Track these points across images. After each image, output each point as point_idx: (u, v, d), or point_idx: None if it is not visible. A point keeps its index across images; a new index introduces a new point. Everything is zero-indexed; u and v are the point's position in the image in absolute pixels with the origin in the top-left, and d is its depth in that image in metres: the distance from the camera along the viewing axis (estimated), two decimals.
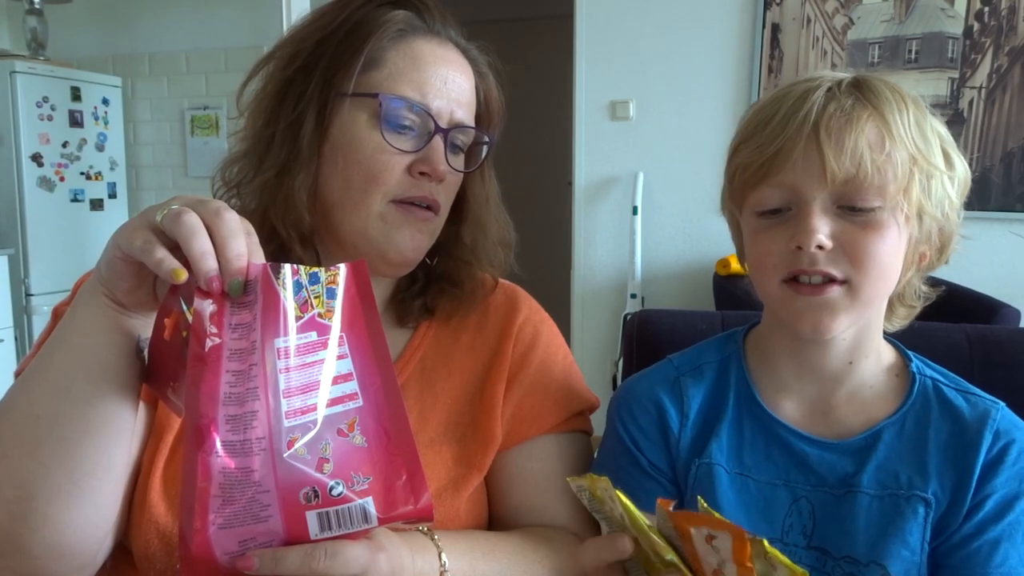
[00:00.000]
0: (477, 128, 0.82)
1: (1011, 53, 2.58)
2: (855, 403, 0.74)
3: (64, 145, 3.44)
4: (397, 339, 0.84)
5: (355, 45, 0.75)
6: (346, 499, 0.53)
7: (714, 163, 0.79)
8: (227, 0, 3.59)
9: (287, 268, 0.55)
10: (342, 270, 0.57)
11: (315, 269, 0.56)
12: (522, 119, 2.85)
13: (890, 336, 0.78)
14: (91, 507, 0.62)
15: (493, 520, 0.83)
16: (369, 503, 0.54)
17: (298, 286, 0.55)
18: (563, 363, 0.88)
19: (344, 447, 0.54)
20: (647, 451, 0.79)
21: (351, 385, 0.56)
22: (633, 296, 2.97)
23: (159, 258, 0.54)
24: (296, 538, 0.52)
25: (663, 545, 0.53)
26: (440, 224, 0.82)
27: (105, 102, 3.63)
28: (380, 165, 0.75)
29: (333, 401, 0.55)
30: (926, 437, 0.71)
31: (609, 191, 3.09)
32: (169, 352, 0.57)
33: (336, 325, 0.56)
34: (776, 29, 2.82)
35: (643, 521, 0.53)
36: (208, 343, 0.52)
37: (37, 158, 3.31)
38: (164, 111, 3.78)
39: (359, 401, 0.56)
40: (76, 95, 3.48)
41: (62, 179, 3.43)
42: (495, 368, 0.83)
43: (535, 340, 0.87)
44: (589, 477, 0.56)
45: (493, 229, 0.87)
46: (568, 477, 0.58)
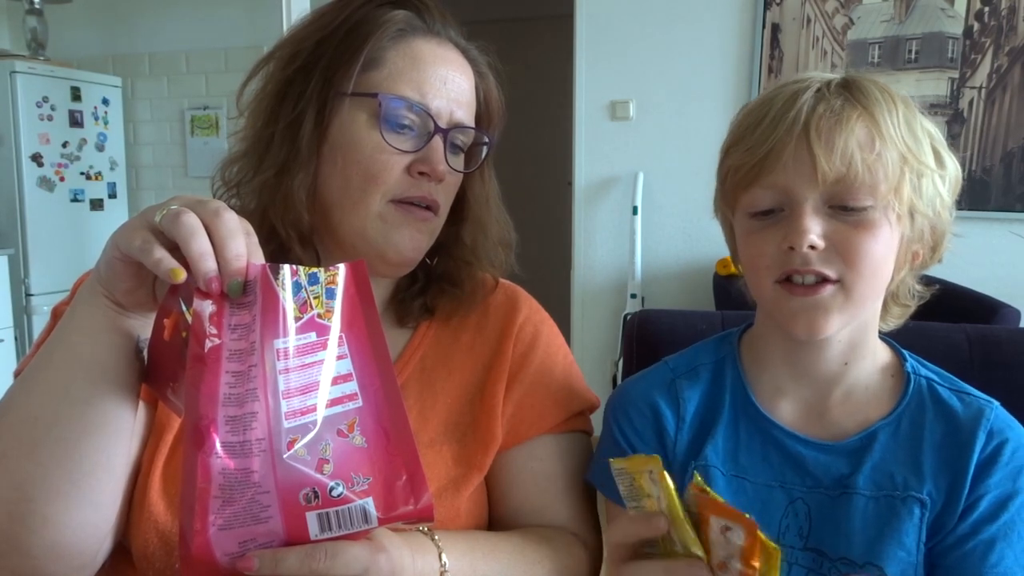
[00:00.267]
0: (477, 128, 0.82)
1: (1011, 53, 2.58)
2: (850, 404, 0.74)
3: (64, 145, 3.43)
4: (397, 339, 0.84)
5: (355, 45, 0.75)
6: (346, 500, 0.53)
7: (714, 163, 0.79)
8: (227, 0, 3.59)
9: (286, 269, 0.55)
10: (341, 270, 0.57)
11: (314, 269, 0.56)
12: (522, 119, 2.85)
13: (887, 336, 0.78)
14: (90, 507, 0.62)
15: (493, 520, 0.83)
16: (369, 503, 0.54)
17: (297, 287, 0.55)
18: (563, 363, 0.88)
19: (344, 448, 0.54)
20: (643, 453, 0.78)
21: (351, 385, 0.56)
22: (633, 296, 2.97)
23: (158, 258, 0.54)
24: (296, 539, 0.52)
25: (694, 538, 0.53)
26: (439, 224, 0.82)
27: (105, 102, 3.63)
28: (379, 165, 0.75)
29: (333, 402, 0.55)
30: (921, 437, 0.71)
31: (609, 191, 3.09)
32: (168, 353, 0.57)
33: (335, 325, 0.56)
34: (776, 29, 2.82)
35: (680, 509, 0.53)
36: (207, 344, 0.52)
37: (37, 158, 3.31)
38: (164, 111, 3.78)
39: (359, 401, 0.56)
40: (76, 95, 3.48)
41: (62, 179, 3.43)
42: (495, 368, 0.83)
43: (535, 340, 0.87)
44: (633, 459, 0.56)
45: (493, 229, 0.87)
46: (611, 460, 0.58)
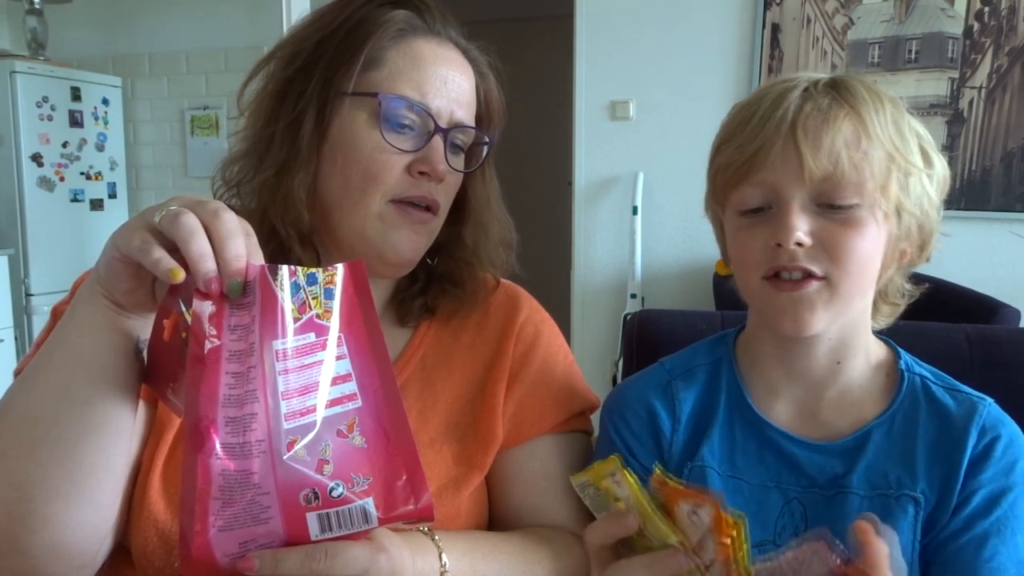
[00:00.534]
0: (477, 128, 0.82)
1: (1011, 53, 2.58)
2: (844, 403, 0.75)
3: (64, 145, 3.43)
4: (397, 339, 0.84)
5: (355, 45, 0.75)
6: (346, 500, 0.53)
7: None
8: (227, 0, 3.58)
9: (285, 269, 0.55)
10: (340, 270, 0.57)
11: (313, 270, 0.56)
12: (522, 119, 2.84)
13: (883, 334, 0.78)
14: (90, 508, 0.62)
15: (493, 520, 0.83)
16: (369, 504, 0.54)
17: (296, 287, 0.55)
18: (564, 363, 0.88)
19: (344, 448, 0.54)
20: (640, 455, 0.79)
21: (350, 386, 0.56)
22: (633, 296, 2.97)
23: (156, 258, 0.53)
24: (296, 539, 0.52)
25: (667, 529, 0.53)
26: (439, 225, 0.82)
27: (105, 102, 3.62)
28: (379, 164, 0.75)
29: (332, 402, 0.55)
30: (914, 435, 0.72)
31: (609, 191, 3.09)
32: (168, 353, 0.57)
33: (334, 326, 0.56)
34: (776, 29, 2.82)
35: (648, 505, 0.53)
36: (207, 344, 0.52)
37: (37, 158, 3.31)
38: (164, 111, 3.78)
39: (358, 402, 0.56)
40: (76, 95, 3.48)
41: (62, 179, 3.43)
42: (496, 367, 0.83)
43: (536, 340, 0.86)
44: (592, 468, 0.56)
45: (494, 229, 0.87)
46: (571, 476, 0.59)
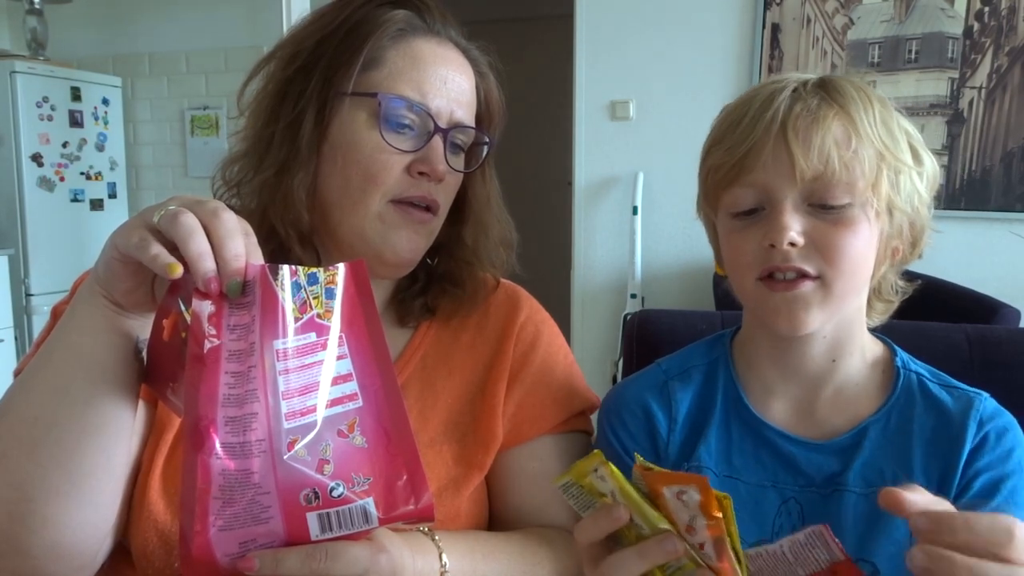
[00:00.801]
0: (477, 128, 0.82)
1: (1011, 53, 2.58)
2: (840, 401, 0.75)
3: (64, 145, 3.43)
4: (398, 339, 0.84)
5: (355, 45, 0.75)
6: (347, 500, 0.53)
7: None
8: (227, 0, 3.58)
9: (285, 269, 0.55)
10: (341, 270, 0.57)
11: (314, 269, 0.56)
12: (522, 119, 2.85)
13: (883, 334, 0.78)
14: (90, 508, 0.62)
15: (493, 520, 0.83)
16: (370, 504, 0.54)
17: (296, 287, 0.55)
18: (564, 363, 0.88)
19: (344, 448, 0.54)
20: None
21: (351, 385, 0.56)
22: (633, 296, 2.97)
23: (154, 254, 0.53)
24: (297, 539, 0.52)
25: (656, 514, 0.53)
26: (438, 225, 0.82)
27: (105, 102, 3.62)
28: (379, 165, 0.75)
29: (333, 402, 0.55)
30: (910, 432, 0.72)
31: (609, 191, 3.09)
32: (168, 353, 0.57)
33: (335, 325, 0.56)
34: (776, 29, 2.82)
35: (635, 493, 0.53)
36: (207, 344, 0.52)
37: (37, 158, 3.31)
38: (164, 111, 3.78)
39: (359, 401, 0.56)
40: (76, 95, 3.48)
41: (62, 179, 3.43)
42: (496, 367, 0.83)
43: (536, 340, 0.86)
44: (574, 467, 0.56)
45: (495, 229, 0.87)
46: (553, 479, 0.58)
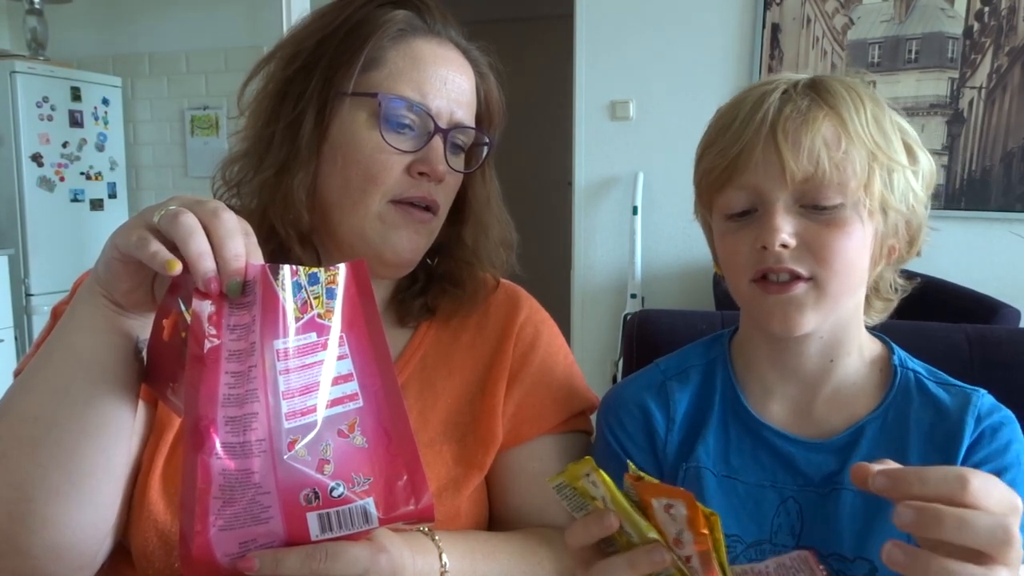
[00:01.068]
0: (477, 128, 0.82)
1: (1011, 53, 2.58)
2: (838, 401, 0.75)
3: (64, 145, 3.43)
4: (397, 339, 0.84)
5: (355, 45, 0.75)
6: (347, 500, 0.53)
7: None
8: (227, 0, 3.58)
9: (286, 269, 0.55)
10: (341, 270, 0.57)
11: (314, 269, 0.56)
12: (522, 119, 2.85)
13: (884, 334, 0.78)
14: (90, 508, 0.61)
15: (493, 520, 0.83)
16: (370, 504, 0.54)
17: (297, 287, 0.55)
18: (564, 363, 0.88)
19: (344, 448, 0.54)
20: (635, 456, 0.79)
21: (351, 386, 0.56)
22: (633, 296, 2.97)
23: (153, 251, 0.53)
24: (297, 539, 0.52)
25: (645, 524, 0.53)
26: (439, 225, 0.82)
27: (105, 102, 3.62)
28: (379, 165, 0.75)
29: (333, 402, 0.55)
30: (907, 429, 0.72)
31: (609, 191, 3.09)
32: (168, 353, 0.57)
33: (336, 325, 0.56)
34: (776, 29, 2.82)
35: (625, 501, 0.54)
36: (207, 344, 0.52)
37: (37, 158, 3.31)
38: (164, 111, 3.78)
39: (359, 401, 0.56)
40: (76, 95, 3.48)
41: (62, 179, 3.43)
42: (496, 367, 0.83)
43: (536, 340, 0.86)
44: (568, 469, 0.56)
45: (495, 229, 0.87)
46: (547, 479, 0.58)
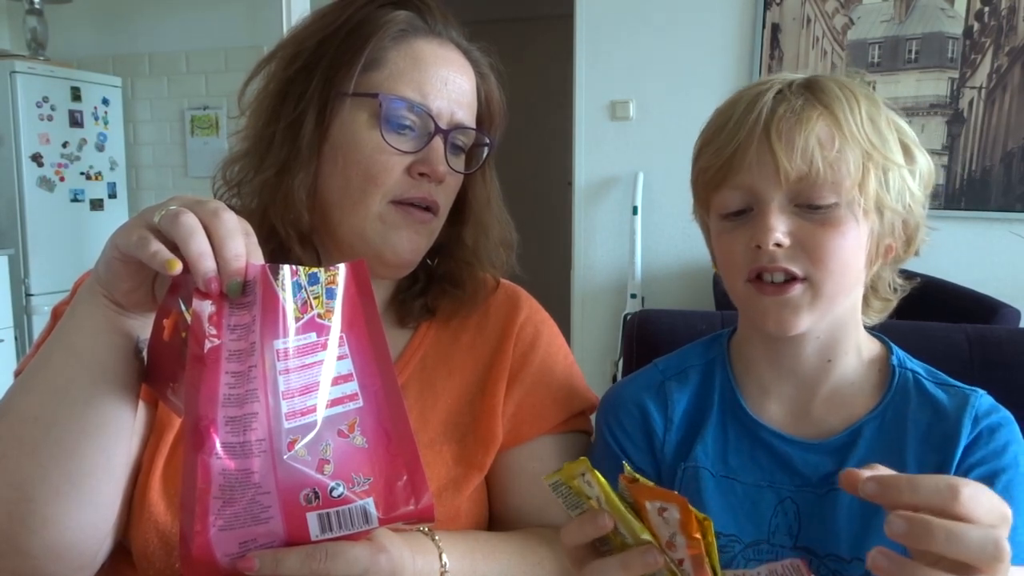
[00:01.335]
0: (478, 129, 0.82)
1: (1011, 53, 2.58)
2: (836, 401, 0.75)
3: (64, 145, 3.43)
4: (397, 339, 0.84)
5: (356, 45, 0.75)
6: (347, 500, 0.53)
7: None
8: (227, 0, 3.58)
9: (286, 269, 0.55)
10: (341, 270, 0.57)
11: (314, 269, 0.56)
12: (522, 119, 2.85)
13: (884, 334, 0.78)
14: (90, 508, 0.62)
15: (493, 520, 0.83)
16: (370, 504, 0.54)
17: (297, 287, 0.55)
18: (564, 363, 0.88)
19: (344, 448, 0.54)
20: (633, 455, 0.79)
21: (351, 386, 0.56)
22: (633, 296, 2.97)
23: (153, 251, 0.53)
24: (297, 539, 0.52)
25: (639, 525, 0.54)
26: (439, 225, 0.82)
27: (105, 102, 3.62)
28: (379, 165, 0.75)
29: (333, 402, 0.55)
30: (905, 429, 0.72)
31: (609, 191, 3.09)
32: (168, 353, 0.57)
33: (336, 325, 0.56)
34: (776, 29, 2.82)
35: (619, 502, 0.54)
36: (207, 344, 0.52)
37: (37, 158, 3.31)
38: (164, 111, 3.78)
39: (359, 402, 0.56)
40: (76, 95, 3.48)
41: (62, 179, 3.43)
42: (496, 367, 0.83)
43: (536, 340, 0.86)
44: (564, 468, 0.56)
45: (495, 230, 0.87)
46: (543, 477, 0.59)
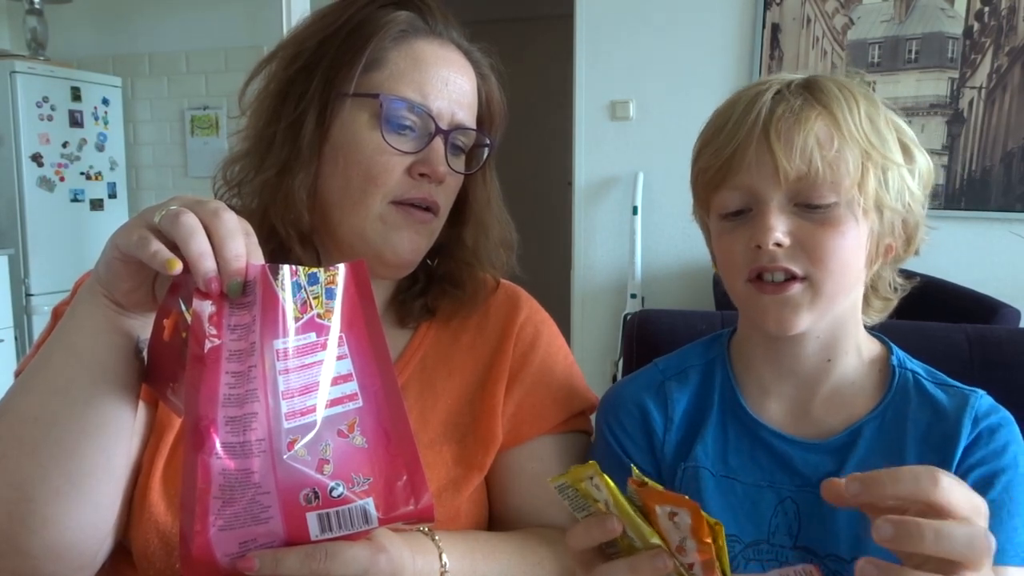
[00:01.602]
0: (478, 130, 0.82)
1: (1011, 53, 2.58)
2: (836, 401, 0.75)
3: (64, 145, 3.43)
4: (397, 339, 0.84)
5: (357, 45, 0.75)
6: (346, 500, 0.53)
7: None
8: (227, 0, 3.58)
9: (286, 269, 0.55)
10: (341, 270, 0.57)
11: (314, 270, 0.56)
12: (522, 119, 2.85)
13: (883, 333, 0.78)
14: (90, 508, 0.62)
15: (493, 520, 0.83)
16: (369, 504, 0.54)
17: (297, 287, 0.55)
18: (564, 363, 0.88)
19: (344, 448, 0.54)
20: (633, 455, 0.79)
21: (351, 386, 0.56)
22: (633, 296, 2.97)
23: (153, 251, 0.53)
24: (297, 539, 0.52)
25: (648, 529, 0.53)
26: (439, 226, 0.82)
27: (105, 102, 3.62)
28: (380, 166, 0.75)
29: (333, 402, 0.55)
30: (904, 429, 0.72)
31: (609, 191, 3.09)
32: (168, 353, 0.57)
33: (335, 325, 0.56)
34: (776, 29, 2.82)
35: (628, 506, 0.54)
36: (207, 344, 0.52)
37: (37, 158, 3.31)
38: (164, 111, 3.78)
39: (359, 402, 0.56)
40: (76, 95, 3.48)
41: (62, 179, 3.43)
42: (496, 368, 0.83)
43: (536, 340, 0.87)
44: (571, 471, 0.56)
45: (495, 230, 0.87)
46: (549, 479, 0.59)
